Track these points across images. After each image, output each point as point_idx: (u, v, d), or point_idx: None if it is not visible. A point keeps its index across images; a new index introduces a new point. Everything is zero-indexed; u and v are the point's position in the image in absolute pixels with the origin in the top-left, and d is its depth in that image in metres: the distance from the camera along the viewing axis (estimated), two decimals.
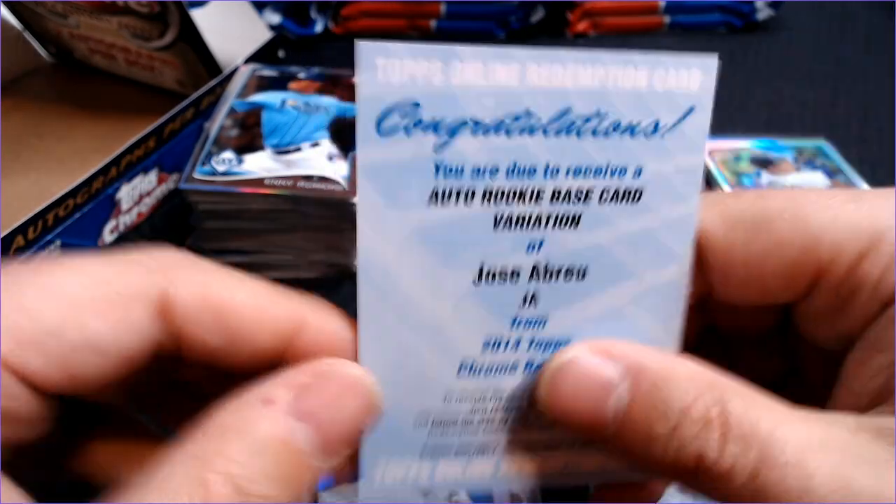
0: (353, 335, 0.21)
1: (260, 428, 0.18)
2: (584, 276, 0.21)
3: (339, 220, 0.45)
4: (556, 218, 0.21)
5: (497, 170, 0.20)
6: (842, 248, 0.21)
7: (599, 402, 0.20)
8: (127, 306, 0.19)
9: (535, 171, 0.20)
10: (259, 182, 0.44)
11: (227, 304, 0.20)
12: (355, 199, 0.43)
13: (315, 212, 0.45)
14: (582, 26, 0.75)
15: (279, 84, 0.54)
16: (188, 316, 0.20)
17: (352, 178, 0.45)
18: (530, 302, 0.21)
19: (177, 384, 0.24)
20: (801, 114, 0.65)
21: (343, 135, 0.49)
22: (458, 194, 0.20)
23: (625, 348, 0.21)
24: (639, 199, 0.21)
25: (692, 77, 0.20)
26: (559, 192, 0.20)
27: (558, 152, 0.20)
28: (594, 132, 0.20)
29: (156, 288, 0.20)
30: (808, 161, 0.56)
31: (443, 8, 0.73)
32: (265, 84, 0.54)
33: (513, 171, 0.20)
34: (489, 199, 0.20)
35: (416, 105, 0.19)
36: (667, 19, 0.76)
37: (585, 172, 0.20)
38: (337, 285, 0.47)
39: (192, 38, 0.54)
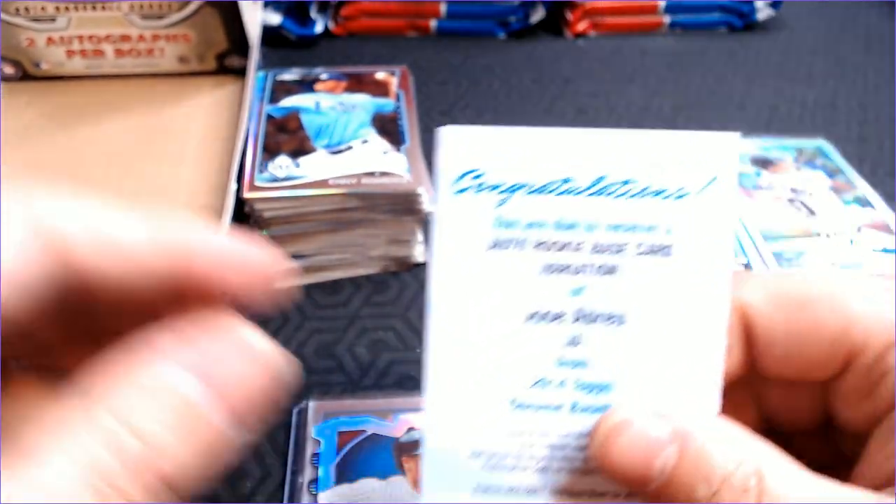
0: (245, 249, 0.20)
1: (143, 372, 0.17)
2: (622, 322, 0.24)
3: (406, 212, 0.46)
4: (596, 267, 0.24)
5: (545, 223, 0.23)
6: (872, 336, 0.23)
7: (647, 460, 0.21)
8: (17, 236, 0.18)
9: (576, 225, 0.23)
10: (324, 183, 0.44)
11: (115, 227, 0.19)
12: (421, 189, 0.43)
13: (383, 206, 0.45)
14: (582, 26, 0.75)
15: (304, 87, 0.54)
16: (77, 242, 0.18)
17: (413, 170, 0.46)
18: (574, 344, 0.24)
19: (84, 336, 0.22)
20: (801, 114, 0.65)
21: (388, 130, 0.49)
22: (513, 242, 0.23)
23: (675, 411, 0.22)
24: (669, 253, 0.23)
25: (713, 150, 0.23)
26: (598, 244, 0.23)
27: (596, 211, 0.23)
28: (626, 195, 0.23)
29: (39, 218, 0.18)
30: (808, 161, 0.56)
31: (443, 8, 0.73)
32: (290, 88, 0.54)
33: (558, 224, 0.23)
34: (538, 248, 0.23)
35: (482, 172, 0.23)
36: (667, 19, 0.76)
37: (619, 228, 0.23)
38: (393, 278, 0.47)
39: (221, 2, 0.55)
